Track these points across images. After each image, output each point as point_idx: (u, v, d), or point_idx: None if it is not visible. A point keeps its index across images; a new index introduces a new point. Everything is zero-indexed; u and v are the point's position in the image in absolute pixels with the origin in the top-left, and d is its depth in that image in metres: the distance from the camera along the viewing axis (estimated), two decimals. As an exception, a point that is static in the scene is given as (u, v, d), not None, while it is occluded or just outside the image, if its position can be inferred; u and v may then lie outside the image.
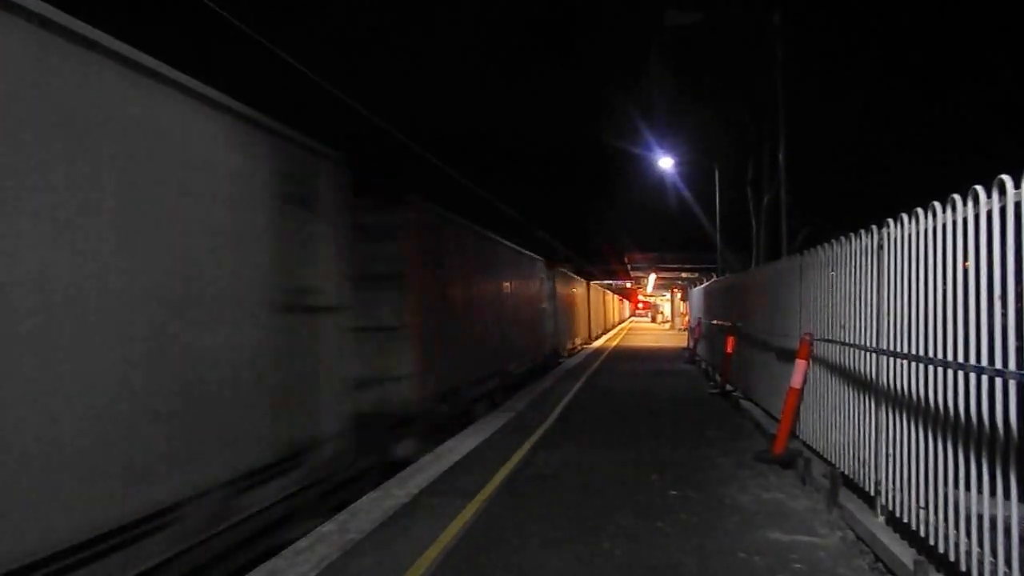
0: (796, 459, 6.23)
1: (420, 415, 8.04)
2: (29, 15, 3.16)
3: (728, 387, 11.73)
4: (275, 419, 4.99)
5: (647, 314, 72.04)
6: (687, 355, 19.67)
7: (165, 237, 3.99)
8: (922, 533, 3.82)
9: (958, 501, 3.41)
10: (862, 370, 4.98)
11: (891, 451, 4.35)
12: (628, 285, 53.03)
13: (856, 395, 5.10)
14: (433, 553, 4.35)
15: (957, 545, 3.40)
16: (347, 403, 6.22)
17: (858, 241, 5.09)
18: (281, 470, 5.04)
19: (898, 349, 4.26)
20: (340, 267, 6.23)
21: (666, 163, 20.76)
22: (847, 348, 5.32)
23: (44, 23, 3.23)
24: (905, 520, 4.07)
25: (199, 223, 4.32)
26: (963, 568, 3.32)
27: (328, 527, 4.94)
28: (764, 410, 8.86)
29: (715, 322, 14.78)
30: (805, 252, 6.71)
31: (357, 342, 6.61)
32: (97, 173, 3.53)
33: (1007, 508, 2.99)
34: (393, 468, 6.90)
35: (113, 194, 3.62)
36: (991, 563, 3.06)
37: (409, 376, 7.91)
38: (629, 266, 34.20)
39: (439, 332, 8.82)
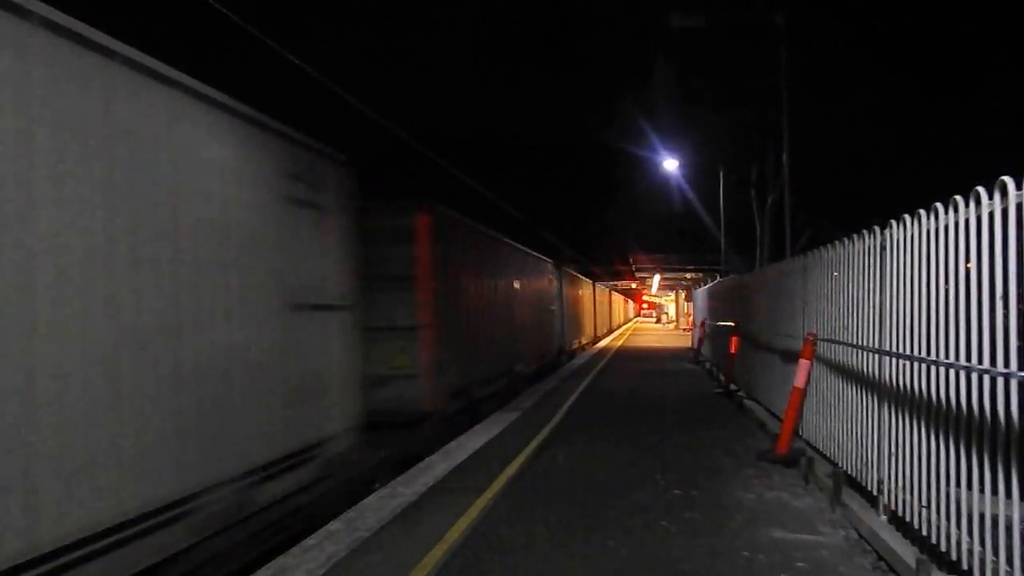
0: (799, 458, 6.26)
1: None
2: None
3: (732, 387, 11.75)
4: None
5: (652, 314, 71.93)
6: (691, 355, 19.68)
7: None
8: (924, 532, 3.84)
9: (960, 500, 3.44)
10: (865, 370, 5.00)
11: (893, 450, 4.37)
12: (633, 286, 53.00)
13: (858, 395, 5.12)
14: (440, 551, 4.39)
15: (959, 544, 3.43)
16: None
17: (861, 242, 5.12)
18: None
19: (900, 350, 4.29)
20: (347, 266, 6.39)
21: (671, 165, 20.79)
22: (850, 348, 5.34)
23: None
24: (907, 519, 4.10)
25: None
26: (965, 567, 3.34)
27: (336, 525, 4.98)
28: (767, 410, 8.88)
29: (719, 323, 14.80)
30: (808, 253, 6.74)
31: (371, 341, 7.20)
32: None
33: (1009, 507, 3.01)
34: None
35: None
36: (992, 562, 3.09)
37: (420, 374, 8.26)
38: (634, 267, 34.17)
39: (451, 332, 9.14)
